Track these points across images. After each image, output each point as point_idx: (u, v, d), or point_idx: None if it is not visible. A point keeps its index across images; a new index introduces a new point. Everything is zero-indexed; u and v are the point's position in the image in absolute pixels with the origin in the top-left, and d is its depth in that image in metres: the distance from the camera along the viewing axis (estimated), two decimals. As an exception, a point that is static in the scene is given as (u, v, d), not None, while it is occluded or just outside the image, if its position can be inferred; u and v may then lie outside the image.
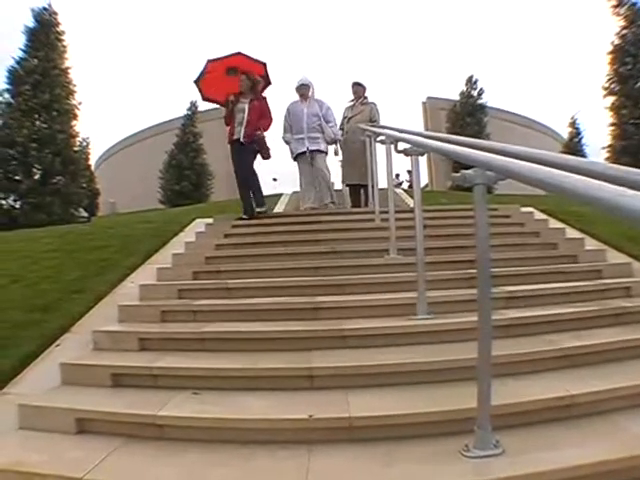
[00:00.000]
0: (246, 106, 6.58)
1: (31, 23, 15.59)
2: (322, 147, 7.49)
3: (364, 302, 3.68)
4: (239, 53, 7.42)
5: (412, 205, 8.34)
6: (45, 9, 15.74)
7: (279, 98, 8.39)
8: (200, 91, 7.43)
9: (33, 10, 15.64)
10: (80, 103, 16.02)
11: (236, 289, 4.12)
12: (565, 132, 24.17)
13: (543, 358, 2.92)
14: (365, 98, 7.97)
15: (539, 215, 6.73)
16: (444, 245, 4.82)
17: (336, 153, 7.86)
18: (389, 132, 4.73)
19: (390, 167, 4.82)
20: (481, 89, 23.27)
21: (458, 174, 2.20)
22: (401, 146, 3.97)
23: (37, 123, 14.84)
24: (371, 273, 4.30)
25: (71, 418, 2.71)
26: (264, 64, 7.27)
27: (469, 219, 5.76)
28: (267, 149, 6.72)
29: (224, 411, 2.55)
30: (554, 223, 6.33)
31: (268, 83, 7.19)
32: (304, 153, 7.47)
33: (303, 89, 7.55)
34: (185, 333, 3.47)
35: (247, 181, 6.64)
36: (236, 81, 6.88)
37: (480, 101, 23.01)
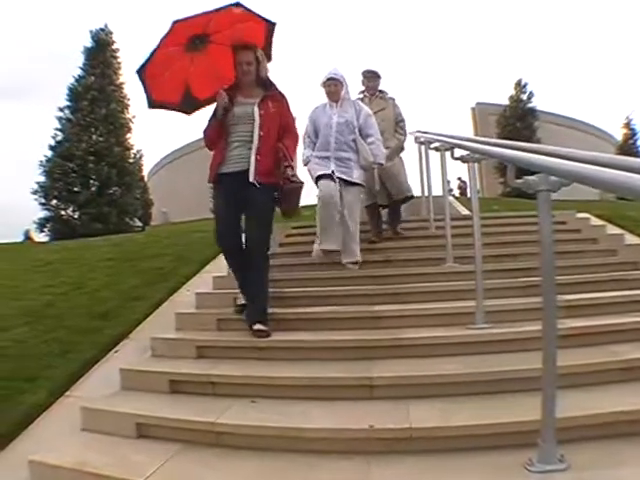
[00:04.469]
0: (254, 110, 3.64)
1: (89, 43, 16.31)
2: (355, 176, 4.80)
3: (422, 311, 3.63)
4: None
5: (464, 212, 8.29)
6: (102, 29, 16.43)
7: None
8: (145, 89, 3.88)
9: (91, 31, 16.39)
10: (134, 116, 16.55)
11: (292, 297, 4.13)
12: (619, 134, 23.35)
13: (606, 369, 2.80)
14: (382, 92, 5.89)
15: (595, 221, 6.51)
16: (498, 253, 4.73)
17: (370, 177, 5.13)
18: (446, 139, 4.67)
19: (445, 175, 4.79)
20: (531, 92, 22.72)
21: (521, 180, 2.15)
22: (457, 153, 3.93)
23: (94, 137, 15.43)
24: (428, 282, 4.25)
25: (131, 423, 2.78)
26: (267, 22, 3.88)
27: (522, 226, 5.75)
28: (297, 201, 3.78)
29: (283, 420, 2.55)
30: (612, 229, 6.11)
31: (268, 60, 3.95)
32: (327, 175, 4.78)
33: (332, 85, 4.91)
34: (242, 341, 3.51)
35: (251, 262, 3.64)
36: (215, 63, 3.81)
37: (530, 105, 22.48)
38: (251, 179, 3.58)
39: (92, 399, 3.18)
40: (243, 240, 3.71)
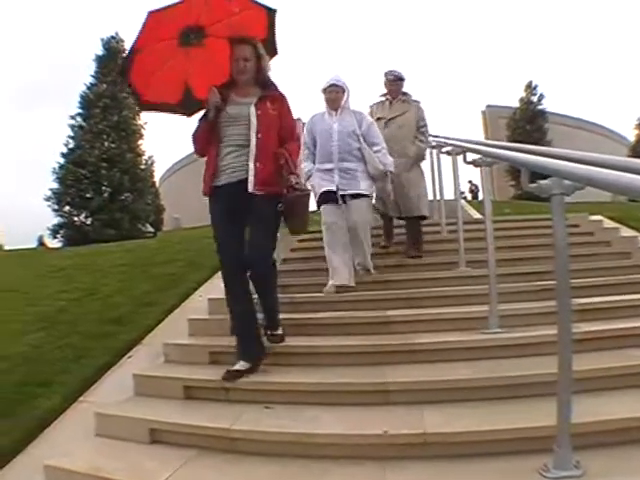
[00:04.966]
0: (251, 111, 3.24)
1: (100, 51, 16.50)
2: (363, 187, 4.50)
3: (435, 316, 3.61)
4: None
5: (476, 216, 8.25)
6: (113, 37, 16.62)
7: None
8: (134, 90, 3.46)
9: (102, 39, 16.58)
10: (146, 123, 16.69)
11: (305, 303, 4.13)
12: (631, 135, 23.16)
13: (622, 374, 2.76)
14: (405, 95, 5.46)
15: (608, 223, 6.45)
16: (511, 257, 4.71)
17: (388, 194, 4.82)
18: (458, 143, 4.66)
19: (457, 179, 4.78)
20: (541, 94, 22.64)
21: (534, 185, 2.14)
22: (469, 157, 3.92)
23: (106, 144, 15.58)
24: (441, 286, 4.23)
25: (145, 428, 2.79)
26: (266, 10, 3.44)
27: (534, 229, 5.72)
28: (304, 212, 3.40)
29: (297, 426, 2.55)
30: (625, 231, 6.03)
31: (272, 54, 3.53)
32: (332, 194, 4.46)
33: (334, 92, 4.60)
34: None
35: (257, 280, 3.29)
36: (207, 59, 3.36)
37: (540, 107, 22.38)
38: (250, 189, 3.18)
39: (106, 404, 3.20)
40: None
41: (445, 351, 3.13)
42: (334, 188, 4.46)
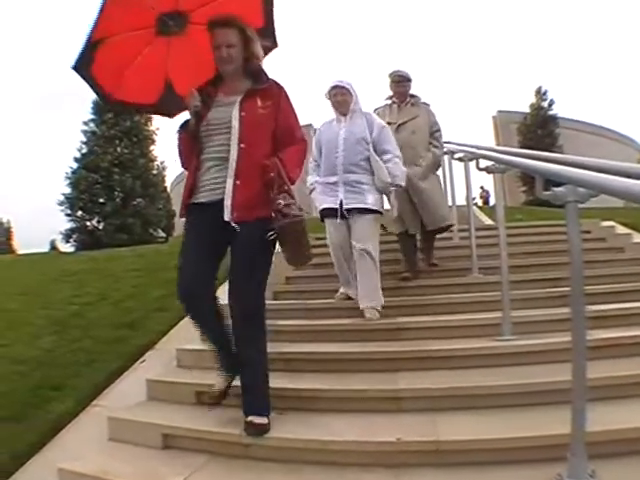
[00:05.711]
0: (233, 113, 2.62)
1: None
2: (370, 201, 3.96)
3: (447, 322, 3.60)
4: None
5: (488, 222, 8.22)
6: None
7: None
8: (97, 86, 2.83)
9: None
10: (157, 129, 16.83)
11: (317, 309, 4.14)
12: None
13: (638, 382, 2.72)
14: (414, 97, 5.00)
15: (621, 229, 6.41)
16: (523, 263, 4.70)
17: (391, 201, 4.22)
18: (471, 149, 4.62)
19: (469, 185, 4.77)
20: (551, 100, 22.66)
21: (549, 192, 2.14)
22: (482, 164, 3.91)
23: (119, 149, 15.76)
24: (453, 293, 4.22)
25: (157, 433, 2.79)
26: None
27: (546, 235, 5.70)
28: (298, 243, 2.65)
29: (309, 432, 2.54)
30: (638, 237, 6.02)
31: (272, 46, 2.94)
32: (333, 211, 4.03)
33: (339, 95, 4.13)
34: (268, 353, 3.47)
35: (238, 331, 2.65)
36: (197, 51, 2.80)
37: (551, 112, 22.32)
38: (226, 217, 2.54)
39: (118, 409, 3.21)
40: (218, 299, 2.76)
41: (458, 358, 3.12)
42: (336, 205, 4.00)
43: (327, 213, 4.09)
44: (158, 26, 2.78)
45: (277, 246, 2.65)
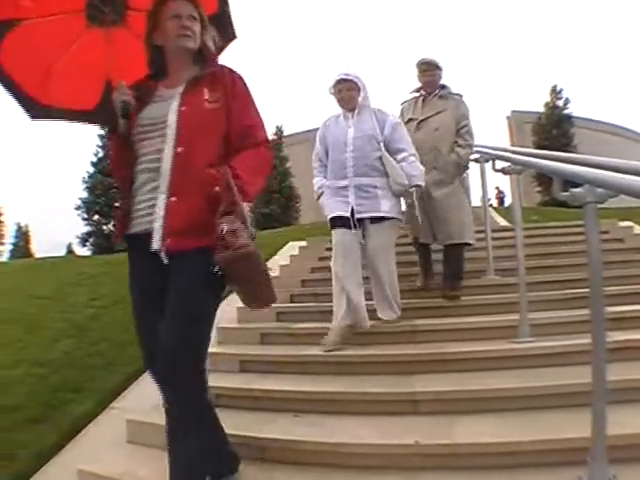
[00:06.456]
0: (171, 107, 2.01)
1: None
2: (385, 208, 3.59)
3: (464, 325, 3.58)
4: None
5: (503, 223, 8.17)
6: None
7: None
8: (15, 91, 2.20)
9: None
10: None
11: (332, 312, 4.11)
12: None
13: (659, 385, 2.70)
14: (444, 88, 4.29)
15: (639, 229, 6.33)
16: (539, 264, 4.63)
17: (411, 206, 3.78)
18: (487, 150, 4.58)
19: (485, 186, 4.75)
20: (567, 99, 22.41)
21: (567, 193, 2.12)
22: (498, 165, 3.89)
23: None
24: (469, 295, 4.18)
25: (175, 436, 2.81)
26: None
27: (562, 237, 5.64)
28: (265, 287, 1.98)
29: (326, 435, 2.54)
30: (657, 237, 5.91)
31: (229, 39, 2.39)
32: (345, 220, 3.59)
33: (345, 90, 3.67)
34: (286, 356, 3.53)
35: (172, 403, 2.02)
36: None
37: (566, 111, 22.10)
38: (155, 245, 1.92)
39: (136, 411, 3.23)
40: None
41: (474, 361, 3.10)
42: (347, 213, 3.57)
43: (337, 222, 3.64)
44: (89, 10, 2.26)
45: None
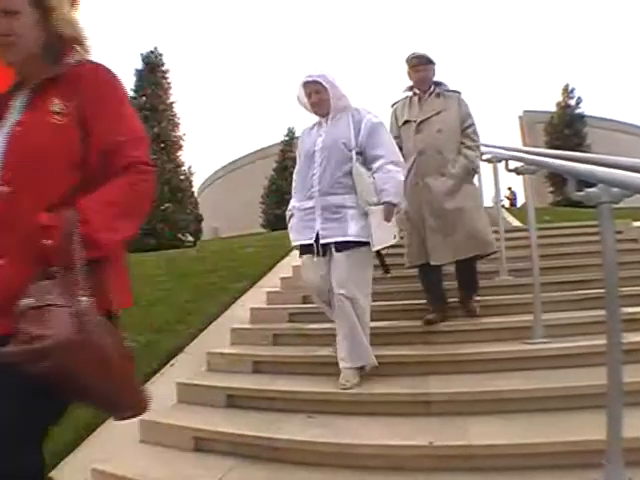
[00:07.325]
0: (4, 129, 1.37)
1: (140, 65, 16.94)
2: (352, 231, 3.01)
3: (477, 325, 3.58)
4: None
5: (515, 224, 8.11)
6: (152, 52, 17.05)
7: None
8: None
9: (142, 54, 17.04)
10: (184, 134, 17.00)
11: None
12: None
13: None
14: (440, 85, 3.85)
15: (654, 230, 6.25)
16: (553, 265, 4.59)
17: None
18: (500, 150, 4.56)
19: (498, 187, 4.72)
20: (579, 98, 22.09)
21: (582, 193, 2.11)
22: (512, 165, 3.86)
23: (147, 155, 15.96)
24: (482, 295, 4.13)
25: (189, 436, 2.82)
26: None
27: (575, 237, 5.58)
28: (112, 385, 1.26)
29: (338, 435, 2.54)
30: (671, 238, 5.84)
31: None
32: (308, 247, 3.12)
33: (313, 93, 3.18)
34: (299, 357, 3.53)
35: None
36: None
37: (578, 111, 21.87)
38: None
39: (150, 411, 3.25)
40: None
41: (488, 362, 3.09)
42: (311, 240, 3.08)
43: (303, 250, 3.20)
44: None
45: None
